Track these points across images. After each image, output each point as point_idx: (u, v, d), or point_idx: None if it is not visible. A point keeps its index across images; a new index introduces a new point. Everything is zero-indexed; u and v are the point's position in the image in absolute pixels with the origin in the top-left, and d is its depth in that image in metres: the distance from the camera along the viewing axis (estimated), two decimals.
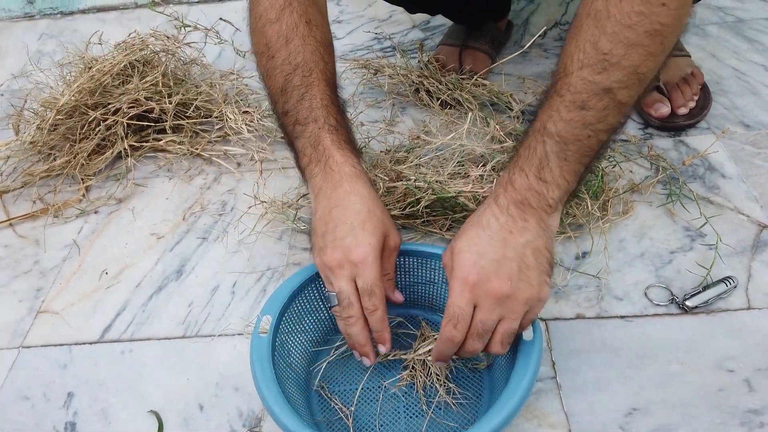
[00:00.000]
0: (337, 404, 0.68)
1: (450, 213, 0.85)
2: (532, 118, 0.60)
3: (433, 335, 0.71)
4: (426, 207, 0.83)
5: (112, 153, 1.03)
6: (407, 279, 0.74)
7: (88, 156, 1.03)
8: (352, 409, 0.68)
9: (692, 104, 0.97)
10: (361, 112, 1.07)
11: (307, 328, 0.71)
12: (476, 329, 0.58)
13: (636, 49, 0.54)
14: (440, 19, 1.30)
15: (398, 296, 0.69)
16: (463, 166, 0.88)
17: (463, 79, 1.04)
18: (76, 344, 0.81)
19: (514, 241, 0.57)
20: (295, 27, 0.70)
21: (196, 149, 1.04)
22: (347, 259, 0.63)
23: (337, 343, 0.73)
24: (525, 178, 0.58)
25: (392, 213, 0.84)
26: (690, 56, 1.04)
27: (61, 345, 0.81)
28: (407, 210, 0.84)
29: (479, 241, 0.58)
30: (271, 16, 0.70)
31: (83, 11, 1.53)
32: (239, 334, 0.79)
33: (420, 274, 0.74)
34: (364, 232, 0.63)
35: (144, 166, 1.05)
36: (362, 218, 0.64)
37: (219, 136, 1.07)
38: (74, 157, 1.02)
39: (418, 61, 1.11)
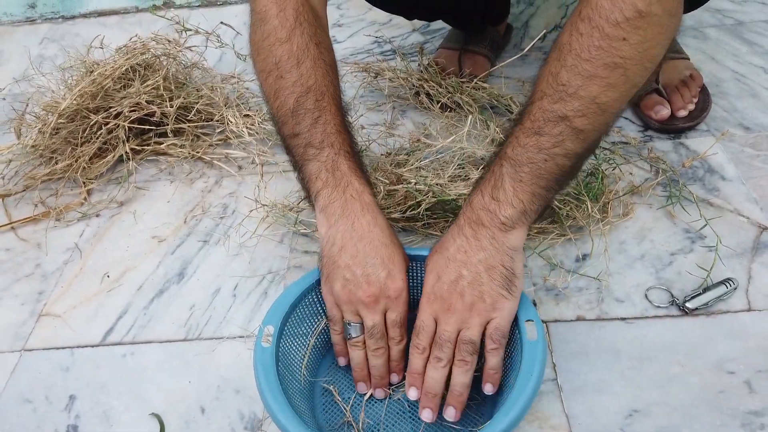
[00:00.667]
0: (346, 413, 0.68)
1: (450, 215, 0.85)
2: (496, 151, 0.64)
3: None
4: (426, 210, 0.84)
5: (114, 156, 1.04)
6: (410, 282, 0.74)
7: (89, 159, 1.04)
8: (362, 416, 0.68)
9: (692, 106, 0.97)
10: (362, 115, 1.08)
11: (307, 332, 0.71)
12: (438, 339, 0.63)
13: (594, 80, 0.57)
14: (439, 23, 1.30)
15: None
16: (463, 168, 0.88)
17: (463, 82, 1.04)
18: (77, 347, 0.81)
19: (468, 261, 0.62)
20: (306, 48, 0.69)
21: (198, 152, 1.05)
22: (384, 294, 0.65)
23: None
24: (480, 198, 0.62)
25: (393, 216, 0.84)
26: (689, 59, 1.04)
27: (62, 348, 0.81)
28: (408, 213, 0.84)
29: (439, 264, 0.64)
30: (281, 36, 0.69)
31: (84, 15, 1.54)
32: (240, 337, 0.79)
33: (419, 277, 0.74)
34: (395, 267, 0.66)
35: (145, 169, 1.06)
36: (390, 252, 0.66)
37: (220, 140, 1.07)
38: (76, 161, 1.03)
39: (418, 65, 1.12)
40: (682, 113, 0.97)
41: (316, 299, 0.72)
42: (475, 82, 1.03)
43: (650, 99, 0.98)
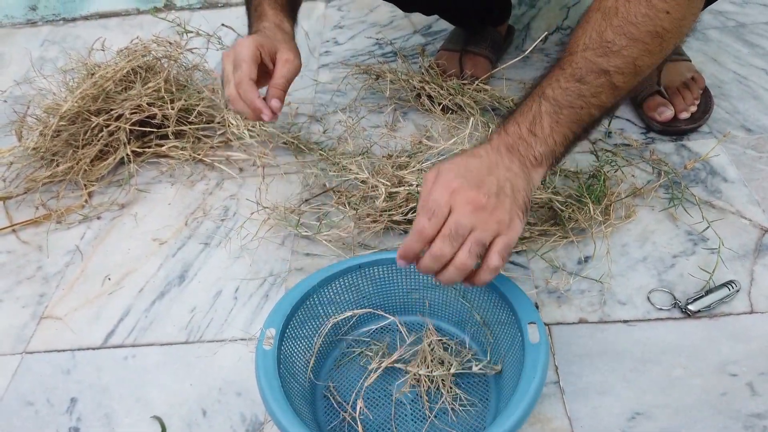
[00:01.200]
0: (347, 411, 0.68)
1: None
2: (531, 87, 0.66)
3: (439, 339, 0.71)
4: None
5: (115, 159, 1.04)
6: (406, 284, 0.74)
7: (90, 162, 1.04)
8: (368, 415, 0.68)
9: (694, 108, 0.97)
10: (363, 117, 1.08)
11: (309, 335, 0.71)
12: (448, 229, 0.58)
13: (637, 43, 0.61)
14: (441, 25, 1.30)
15: (275, 103, 0.75)
16: None
17: (464, 84, 1.04)
18: (79, 350, 0.81)
19: (498, 172, 0.61)
20: None
21: (199, 155, 1.05)
22: (233, 48, 0.75)
23: (342, 351, 0.74)
24: (517, 128, 0.64)
25: (394, 218, 0.84)
26: (691, 61, 1.04)
27: (64, 350, 0.81)
28: (409, 215, 0.84)
29: (467, 162, 0.62)
30: None
31: (85, 17, 1.54)
32: (242, 340, 0.79)
33: (418, 279, 0.74)
34: (257, 36, 0.76)
35: (146, 171, 1.05)
36: (263, 34, 0.77)
37: (221, 142, 1.07)
38: (77, 163, 1.03)
39: (419, 66, 1.12)
40: (685, 115, 0.97)
41: (317, 302, 0.71)
42: (477, 84, 1.03)
43: (653, 101, 0.98)
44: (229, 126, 1.04)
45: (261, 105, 0.73)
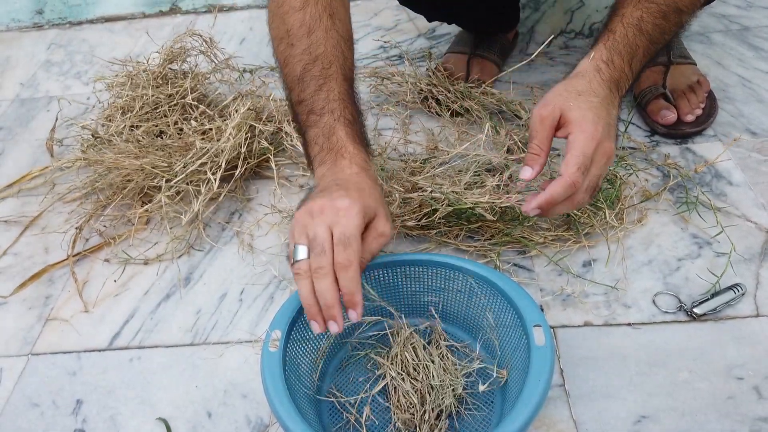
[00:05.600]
0: (351, 414, 0.68)
1: (465, 223, 0.85)
2: (614, 11, 0.69)
3: (447, 343, 0.71)
4: (441, 218, 0.83)
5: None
6: (414, 287, 0.74)
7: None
8: (373, 421, 0.68)
9: (699, 111, 0.97)
10: (378, 119, 1.08)
11: (314, 337, 0.71)
12: (589, 182, 0.63)
13: None
14: (445, 28, 1.31)
15: (358, 310, 0.60)
16: (479, 176, 0.88)
17: (471, 87, 1.04)
18: (84, 351, 0.81)
19: (611, 112, 0.65)
20: (318, 18, 0.71)
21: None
22: (331, 205, 0.59)
23: (347, 353, 0.74)
24: (621, 62, 0.66)
25: (408, 224, 0.84)
26: (696, 64, 1.04)
27: (70, 352, 0.81)
28: (423, 221, 0.84)
29: (594, 104, 0.64)
30: (294, 4, 0.71)
31: (91, 21, 1.54)
32: (247, 342, 0.79)
33: (426, 283, 0.74)
34: (357, 193, 0.62)
35: None
36: (359, 188, 0.63)
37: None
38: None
39: (426, 69, 1.12)
40: (689, 118, 0.97)
41: None
42: (484, 88, 1.03)
43: (657, 104, 0.98)
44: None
45: (360, 302, 0.60)
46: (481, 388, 0.68)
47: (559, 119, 0.64)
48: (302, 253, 0.59)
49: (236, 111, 0.97)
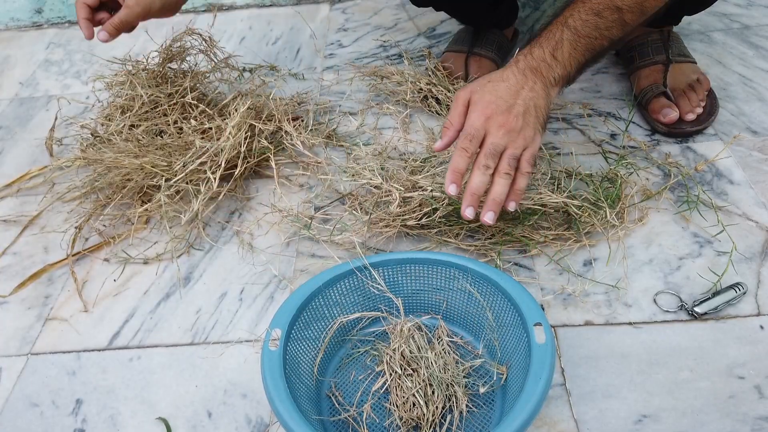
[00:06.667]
0: (350, 413, 0.68)
1: (465, 222, 0.85)
2: (553, 16, 0.77)
3: (450, 339, 0.71)
4: (441, 217, 0.83)
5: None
6: (414, 286, 0.74)
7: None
8: (374, 419, 0.68)
9: (699, 110, 0.97)
10: (378, 118, 1.08)
11: (314, 336, 0.71)
12: (489, 149, 0.73)
13: None
14: (445, 27, 1.30)
15: (102, 35, 0.89)
16: None
17: None
18: (84, 351, 0.81)
19: (524, 94, 0.74)
20: None
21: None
22: None
23: (347, 351, 0.74)
24: (542, 52, 0.75)
25: (408, 223, 0.84)
26: (696, 63, 1.04)
27: (69, 352, 0.81)
28: (423, 220, 0.84)
29: (498, 87, 0.75)
30: None
31: None
32: (247, 341, 0.79)
33: (427, 282, 0.74)
34: None
35: None
36: None
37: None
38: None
39: (426, 69, 1.12)
40: (690, 117, 0.97)
41: (323, 303, 0.72)
42: None
43: (657, 102, 0.98)
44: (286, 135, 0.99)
45: (83, 26, 0.89)
46: (482, 390, 0.67)
47: (469, 101, 0.76)
48: None
49: (236, 110, 0.97)
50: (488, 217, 0.74)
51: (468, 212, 0.74)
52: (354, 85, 1.17)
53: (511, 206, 0.75)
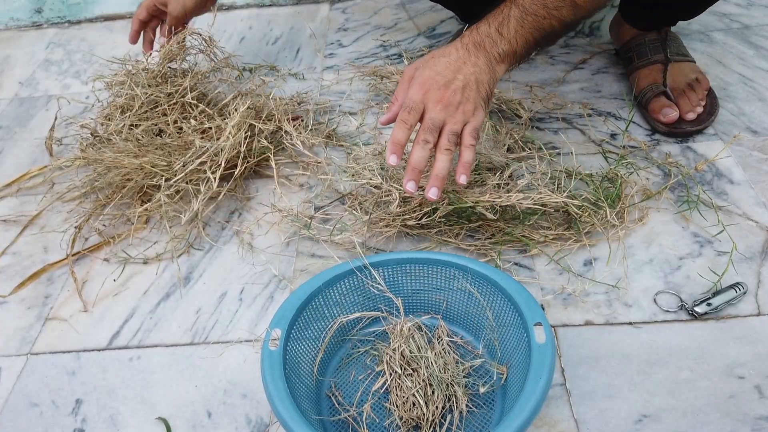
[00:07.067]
0: (350, 412, 0.68)
1: (465, 222, 0.84)
2: None
3: (450, 339, 0.71)
4: (441, 217, 0.83)
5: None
6: (414, 286, 0.74)
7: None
8: (374, 419, 0.68)
9: (699, 110, 0.97)
10: (377, 116, 1.08)
11: (314, 335, 0.71)
12: (428, 124, 0.73)
13: None
14: (445, 27, 1.30)
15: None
16: (479, 174, 0.88)
17: None
18: (84, 351, 0.81)
19: (465, 69, 0.74)
20: None
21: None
22: None
23: (347, 351, 0.74)
24: (487, 28, 0.76)
25: (408, 223, 0.84)
26: (695, 62, 1.04)
27: (69, 352, 0.81)
28: (423, 220, 0.84)
29: (438, 63, 0.75)
30: None
31: (90, 20, 1.54)
32: (247, 341, 0.79)
33: (427, 281, 0.74)
34: None
35: None
36: None
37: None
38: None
39: None
40: (690, 116, 0.97)
41: (323, 303, 0.71)
42: None
43: (658, 102, 0.98)
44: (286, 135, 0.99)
45: (132, 37, 1.08)
46: (482, 390, 0.67)
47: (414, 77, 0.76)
48: None
49: (236, 110, 0.97)
50: (432, 193, 0.73)
51: (409, 186, 0.74)
52: (354, 85, 1.17)
53: (462, 179, 0.74)
